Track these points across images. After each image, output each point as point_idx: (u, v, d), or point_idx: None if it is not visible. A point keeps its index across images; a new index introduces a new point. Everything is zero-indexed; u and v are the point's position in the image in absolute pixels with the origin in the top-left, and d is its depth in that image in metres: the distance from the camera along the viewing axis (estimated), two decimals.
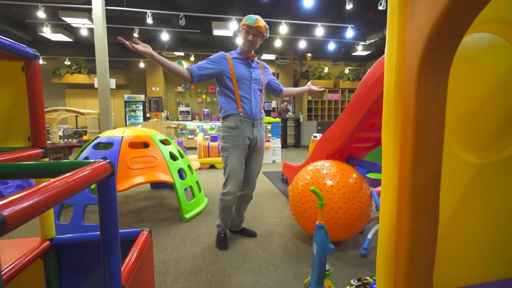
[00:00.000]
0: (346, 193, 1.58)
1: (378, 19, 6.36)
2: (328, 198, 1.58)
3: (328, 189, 1.60)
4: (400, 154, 0.56)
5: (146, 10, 4.74)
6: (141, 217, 2.36)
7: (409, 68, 0.54)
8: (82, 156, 2.14)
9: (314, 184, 1.66)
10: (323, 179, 1.65)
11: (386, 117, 0.61)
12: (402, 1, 0.54)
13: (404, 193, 0.56)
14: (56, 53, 8.09)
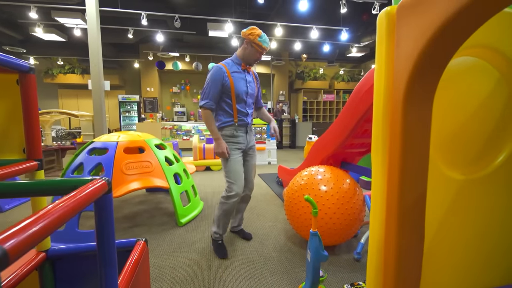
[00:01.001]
0: (340, 198, 1.61)
1: (372, 21, 6.43)
2: (322, 203, 1.60)
3: (322, 195, 1.63)
4: (388, 173, 0.59)
5: (140, 12, 4.71)
6: (136, 222, 2.36)
7: (396, 92, 0.56)
8: (77, 161, 2.13)
9: (308, 190, 1.69)
10: (318, 185, 1.68)
11: (375, 137, 0.64)
12: (389, 29, 0.57)
13: (392, 210, 0.59)
14: (48, 52, 7.98)
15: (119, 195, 1.94)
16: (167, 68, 8.43)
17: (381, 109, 0.60)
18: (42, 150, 3.56)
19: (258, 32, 1.66)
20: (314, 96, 10.06)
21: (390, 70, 0.57)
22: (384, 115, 0.59)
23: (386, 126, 0.59)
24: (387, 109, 0.58)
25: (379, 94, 0.60)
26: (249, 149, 1.87)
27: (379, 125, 0.61)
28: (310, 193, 1.65)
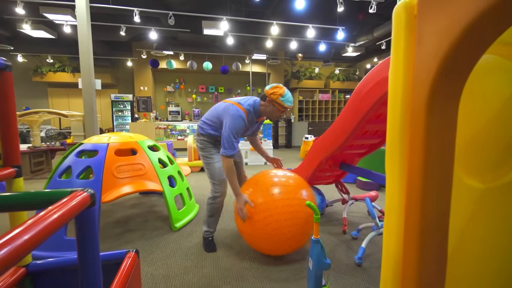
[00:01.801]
0: (292, 207, 1.53)
1: (368, 21, 6.42)
2: (274, 207, 1.53)
3: (275, 199, 1.55)
4: (407, 185, 0.53)
5: (133, 8, 4.57)
6: (129, 227, 2.27)
7: (417, 93, 0.50)
8: (64, 165, 2.02)
9: (262, 191, 1.59)
10: (271, 187, 1.60)
11: (391, 144, 0.58)
12: (408, 23, 0.50)
13: (412, 227, 0.53)
14: (37, 50, 7.74)
15: (109, 200, 1.85)
16: (161, 67, 8.28)
17: (399, 113, 0.53)
18: (30, 151, 3.40)
19: (281, 92, 1.63)
20: (310, 95, 10.03)
21: (409, 69, 0.50)
22: (402, 119, 0.53)
23: (405, 132, 0.52)
24: (406, 113, 0.52)
25: (396, 96, 0.54)
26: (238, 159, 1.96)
27: (396, 131, 0.54)
28: (263, 194, 1.57)
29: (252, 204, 1.55)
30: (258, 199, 1.57)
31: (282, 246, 1.60)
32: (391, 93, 0.55)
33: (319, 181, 2.53)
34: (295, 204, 1.54)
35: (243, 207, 1.57)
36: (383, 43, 6.63)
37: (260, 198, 1.57)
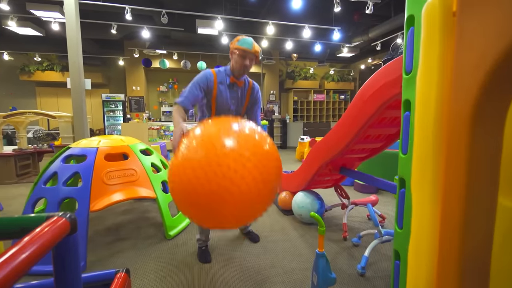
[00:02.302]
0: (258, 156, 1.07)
1: (363, 21, 6.41)
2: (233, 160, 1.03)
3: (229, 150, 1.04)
4: (442, 211, 0.46)
5: (124, 6, 4.42)
6: (120, 235, 2.15)
7: (457, 107, 0.43)
8: (50, 170, 1.90)
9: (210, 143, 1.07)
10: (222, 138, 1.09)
11: (421, 163, 0.50)
12: (445, 24, 0.43)
13: (448, 254, 0.46)
14: (24, 48, 7.46)
15: (99, 209, 1.74)
16: (154, 66, 8.11)
17: (431, 125, 0.46)
18: (16, 153, 3.21)
19: (238, 38, 1.57)
20: (305, 95, 10.01)
21: (446, 75, 0.43)
22: (436, 132, 0.46)
23: (440, 148, 0.45)
24: (442, 126, 0.45)
25: (428, 105, 0.47)
26: None
27: (428, 145, 0.47)
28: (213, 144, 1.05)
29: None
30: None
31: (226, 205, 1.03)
32: (421, 102, 0.48)
33: (318, 185, 2.47)
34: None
35: (178, 138, 1.21)
36: (378, 44, 6.64)
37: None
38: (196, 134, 1.13)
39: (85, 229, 1.70)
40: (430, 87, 0.46)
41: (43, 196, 1.80)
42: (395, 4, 5.59)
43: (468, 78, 0.40)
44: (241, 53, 1.53)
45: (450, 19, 0.42)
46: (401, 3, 5.50)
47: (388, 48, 7.02)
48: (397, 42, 5.75)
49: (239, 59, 1.55)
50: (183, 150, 1.09)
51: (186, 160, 1.06)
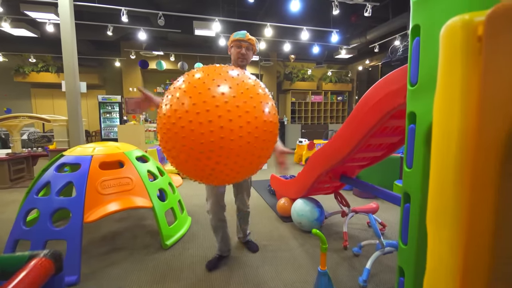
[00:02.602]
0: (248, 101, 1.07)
1: (360, 23, 6.39)
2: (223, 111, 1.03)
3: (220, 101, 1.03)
4: (464, 261, 0.42)
5: (120, 8, 4.36)
6: (116, 245, 2.10)
7: (485, 140, 0.39)
8: (43, 179, 1.84)
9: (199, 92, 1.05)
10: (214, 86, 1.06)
11: (439, 205, 0.46)
12: (469, 47, 0.39)
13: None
14: (19, 49, 7.35)
15: (93, 220, 1.68)
16: (150, 68, 8.03)
17: (453, 164, 0.42)
18: (9, 158, 3.11)
19: (232, 34, 1.66)
20: (302, 97, 9.99)
21: (471, 109, 0.39)
22: (459, 173, 0.41)
23: (462, 191, 0.41)
24: (465, 166, 0.41)
25: (449, 140, 0.43)
26: None
27: (449, 186, 0.43)
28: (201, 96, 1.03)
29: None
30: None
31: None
32: (440, 132, 0.44)
33: (318, 192, 2.44)
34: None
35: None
36: (376, 46, 6.63)
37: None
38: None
39: (78, 242, 1.64)
40: (451, 119, 0.42)
41: (35, 206, 1.74)
42: (393, 6, 5.58)
43: (498, 111, 0.37)
44: (235, 44, 1.60)
45: (474, 44, 0.38)
46: (399, 5, 5.49)
47: (386, 49, 7.01)
48: (395, 45, 5.74)
49: (235, 50, 1.61)
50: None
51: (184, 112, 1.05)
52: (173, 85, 1.16)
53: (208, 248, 2.03)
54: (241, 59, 1.61)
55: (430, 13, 0.98)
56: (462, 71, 0.39)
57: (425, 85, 1.02)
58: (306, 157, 5.49)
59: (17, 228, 1.69)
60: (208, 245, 2.08)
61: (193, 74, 1.14)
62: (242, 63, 1.63)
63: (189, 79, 1.11)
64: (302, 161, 5.68)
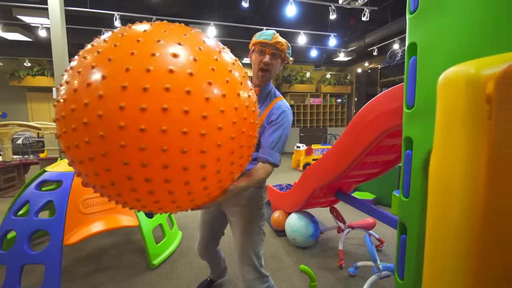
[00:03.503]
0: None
1: (359, 26, 6.31)
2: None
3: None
4: None
5: (113, 12, 4.27)
6: (101, 264, 2.00)
7: (490, 239, 0.30)
8: (23, 198, 1.75)
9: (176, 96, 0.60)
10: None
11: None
12: (475, 107, 0.30)
13: None
14: (13, 53, 7.27)
15: (73, 243, 1.59)
16: None
17: (452, 246, 0.33)
18: None
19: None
20: (301, 99, 9.90)
21: (478, 175, 0.30)
22: (458, 274, 0.32)
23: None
24: (472, 245, 0.32)
25: (446, 234, 0.34)
26: (229, 206, 1.17)
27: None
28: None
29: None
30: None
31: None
32: (437, 214, 0.35)
33: (313, 206, 2.35)
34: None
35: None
36: (374, 49, 6.55)
37: None
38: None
39: (58, 266, 1.54)
40: (452, 186, 0.33)
41: (12, 228, 1.65)
42: (392, 9, 5.50)
43: (509, 191, 0.28)
44: (258, 48, 1.11)
45: (483, 106, 0.29)
46: (398, 9, 5.41)
47: (385, 52, 6.93)
48: (394, 49, 5.66)
49: (256, 56, 1.12)
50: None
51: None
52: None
53: (199, 268, 1.94)
54: (263, 71, 1.11)
55: (428, 30, 0.89)
56: (466, 140, 0.30)
57: (422, 109, 0.93)
58: (304, 163, 5.40)
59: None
60: (199, 265, 1.98)
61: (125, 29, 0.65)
62: (264, 77, 1.12)
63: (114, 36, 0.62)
64: (300, 166, 5.59)
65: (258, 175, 1.01)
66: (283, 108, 1.11)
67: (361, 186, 3.47)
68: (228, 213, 1.20)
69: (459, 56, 0.80)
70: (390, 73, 7.79)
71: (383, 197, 3.25)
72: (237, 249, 1.17)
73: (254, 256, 1.13)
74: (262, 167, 1.04)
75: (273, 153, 1.05)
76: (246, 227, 1.14)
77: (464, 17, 0.78)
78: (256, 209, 1.16)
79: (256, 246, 1.14)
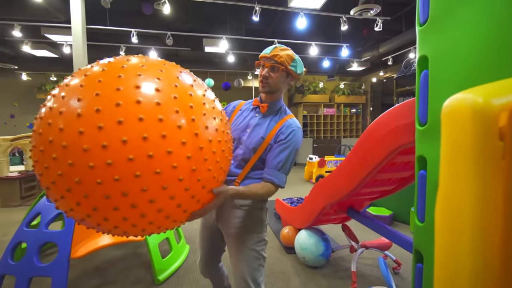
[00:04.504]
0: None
1: (372, 36, 6.22)
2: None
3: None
4: None
5: (130, 29, 4.48)
6: (107, 278, 2.00)
7: None
8: (34, 211, 1.79)
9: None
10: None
11: None
12: (485, 142, 0.25)
13: None
14: (41, 68, 7.78)
15: (80, 256, 1.61)
16: None
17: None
18: (21, 176, 3.12)
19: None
20: (314, 110, 9.80)
21: (492, 221, 0.25)
22: None
23: None
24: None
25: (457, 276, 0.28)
26: (228, 227, 1.09)
27: None
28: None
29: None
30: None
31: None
32: (446, 262, 0.30)
33: (323, 223, 2.25)
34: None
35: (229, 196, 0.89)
36: (389, 59, 6.41)
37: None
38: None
39: (64, 280, 1.55)
40: (462, 230, 0.27)
41: (23, 240, 1.69)
42: (406, 18, 5.39)
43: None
44: (260, 63, 1.11)
45: (494, 143, 0.24)
46: (412, 17, 5.29)
47: (400, 61, 6.76)
48: (410, 59, 5.50)
49: (259, 71, 1.11)
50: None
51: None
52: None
53: (205, 286, 1.88)
54: (262, 83, 1.08)
55: (440, 43, 0.84)
56: (475, 181, 0.25)
57: (436, 126, 0.86)
58: (317, 175, 5.27)
59: (4, 262, 1.63)
60: (205, 282, 1.93)
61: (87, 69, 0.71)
62: (264, 87, 1.08)
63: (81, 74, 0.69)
64: (312, 179, 5.46)
65: (258, 190, 0.99)
66: (293, 127, 1.08)
67: (377, 200, 3.31)
68: (225, 233, 1.13)
69: (475, 70, 0.74)
70: (406, 83, 7.56)
71: (401, 213, 3.07)
72: (233, 274, 1.08)
73: (252, 283, 1.04)
74: (265, 185, 1.02)
75: (278, 174, 1.02)
76: (243, 251, 1.06)
77: (479, 28, 0.72)
78: (254, 232, 1.08)
79: (253, 271, 1.05)
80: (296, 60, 1.10)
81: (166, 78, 0.71)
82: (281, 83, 1.10)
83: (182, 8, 4.76)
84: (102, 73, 0.67)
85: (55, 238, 1.67)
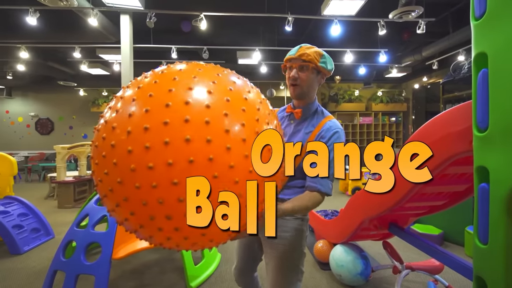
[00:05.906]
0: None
1: (414, 39, 5.83)
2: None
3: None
4: None
5: (171, 46, 4.84)
6: (143, 280, 2.08)
7: None
8: (83, 212, 1.96)
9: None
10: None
11: None
12: None
13: None
14: (95, 85, 8.75)
15: (120, 257, 1.71)
16: None
17: None
18: (75, 180, 3.45)
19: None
20: (350, 119, 9.41)
21: None
22: None
23: None
24: None
25: None
26: (263, 239, 1.08)
27: None
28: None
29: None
30: None
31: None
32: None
33: (361, 239, 2.09)
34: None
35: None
36: (434, 63, 5.92)
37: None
38: None
39: (106, 279, 1.65)
40: None
41: (73, 239, 1.85)
42: (453, 19, 4.96)
43: None
44: (287, 66, 1.07)
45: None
46: (460, 17, 4.86)
47: (446, 65, 6.19)
48: (459, 61, 5.03)
49: (287, 74, 1.06)
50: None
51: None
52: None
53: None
54: (292, 86, 1.03)
55: (501, 37, 0.73)
56: None
57: (500, 132, 0.74)
58: (353, 187, 4.98)
59: (57, 258, 1.80)
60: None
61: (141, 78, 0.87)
62: (295, 90, 1.03)
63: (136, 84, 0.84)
64: (348, 191, 5.18)
65: (306, 202, 0.91)
66: (334, 129, 0.99)
67: (424, 217, 2.99)
68: (264, 243, 1.08)
69: None
70: (454, 88, 6.88)
71: (453, 232, 2.71)
72: (269, 286, 1.03)
73: None
74: (311, 195, 0.93)
75: (323, 180, 0.92)
76: (283, 262, 1.01)
77: None
78: (296, 244, 1.01)
79: (290, 286, 1.00)
80: (325, 55, 1.04)
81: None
82: (313, 82, 1.04)
83: (217, 23, 5.02)
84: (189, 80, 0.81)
85: (99, 239, 1.80)
